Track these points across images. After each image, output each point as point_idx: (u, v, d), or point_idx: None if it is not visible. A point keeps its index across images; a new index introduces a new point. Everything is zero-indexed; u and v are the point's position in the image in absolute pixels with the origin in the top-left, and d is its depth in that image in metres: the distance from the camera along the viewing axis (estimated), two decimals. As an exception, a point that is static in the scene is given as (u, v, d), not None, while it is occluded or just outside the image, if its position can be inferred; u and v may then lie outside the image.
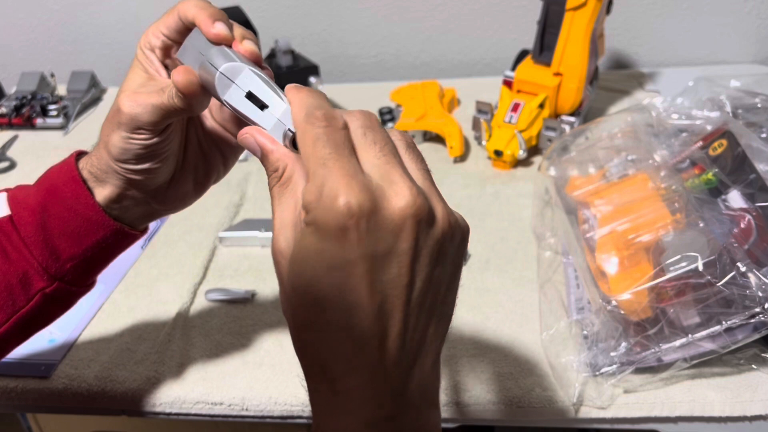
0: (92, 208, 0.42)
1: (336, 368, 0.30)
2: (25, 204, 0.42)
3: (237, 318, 0.65)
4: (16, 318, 0.43)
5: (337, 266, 0.28)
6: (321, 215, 0.28)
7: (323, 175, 0.28)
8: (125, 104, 0.39)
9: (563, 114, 0.87)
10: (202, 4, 0.38)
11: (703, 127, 0.65)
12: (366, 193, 0.28)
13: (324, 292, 0.29)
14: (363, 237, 0.28)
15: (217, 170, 0.46)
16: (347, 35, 1.16)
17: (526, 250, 0.71)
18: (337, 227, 0.27)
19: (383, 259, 0.28)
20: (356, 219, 0.27)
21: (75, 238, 0.42)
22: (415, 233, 0.29)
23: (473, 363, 0.58)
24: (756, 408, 0.52)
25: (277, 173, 0.32)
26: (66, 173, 0.42)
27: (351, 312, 0.29)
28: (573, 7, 0.81)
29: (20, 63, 1.25)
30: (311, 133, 0.29)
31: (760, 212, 0.54)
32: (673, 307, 0.52)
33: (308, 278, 0.29)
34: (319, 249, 0.28)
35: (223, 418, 0.58)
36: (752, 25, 1.07)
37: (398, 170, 0.29)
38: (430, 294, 0.30)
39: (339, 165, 0.28)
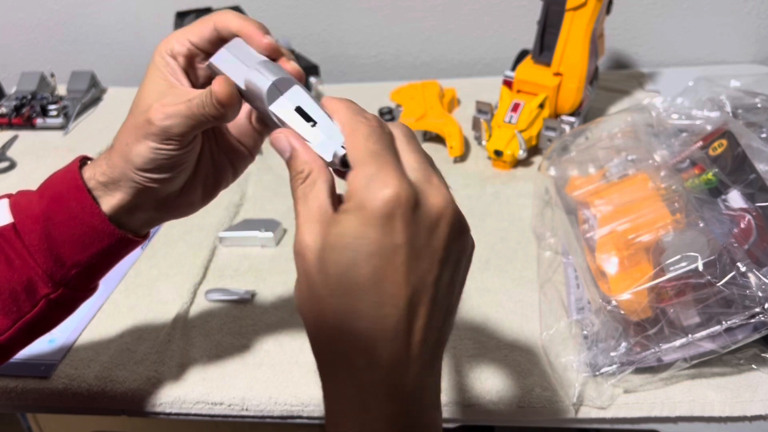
0: (98, 217, 0.42)
1: (359, 361, 0.30)
2: (28, 212, 0.42)
3: (237, 318, 0.65)
4: (21, 324, 0.43)
5: (378, 253, 0.29)
6: (370, 201, 0.29)
7: (376, 166, 0.30)
8: (156, 116, 0.38)
9: (563, 114, 0.87)
10: (244, 17, 0.39)
11: (703, 127, 0.65)
12: (412, 188, 0.30)
13: (360, 277, 0.29)
14: (406, 227, 0.29)
15: (226, 180, 0.47)
16: (347, 35, 1.16)
17: (526, 250, 0.71)
18: (384, 213, 0.29)
19: (419, 252, 0.30)
20: (403, 209, 0.29)
21: (80, 246, 0.42)
22: (448, 233, 0.31)
23: (473, 363, 0.58)
24: (756, 408, 0.52)
25: (302, 174, 0.33)
26: (70, 182, 0.42)
27: (384, 302, 0.30)
28: (573, 7, 0.81)
29: (20, 63, 1.25)
30: (364, 128, 0.32)
31: (760, 212, 0.54)
32: (673, 307, 0.52)
33: (345, 264, 0.30)
34: (362, 234, 0.29)
35: (223, 418, 0.58)
36: (752, 25, 1.07)
37: (436, 177, 0.32)
38: (448, 296, 0.32)
39: (389, 160, 0.31)
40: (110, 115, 1.09)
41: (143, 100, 0.40)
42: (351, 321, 0.30)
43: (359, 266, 0.29)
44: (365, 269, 0.29)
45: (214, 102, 0.38)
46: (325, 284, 0.30)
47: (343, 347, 0.31)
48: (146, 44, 1.21)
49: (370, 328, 0.30)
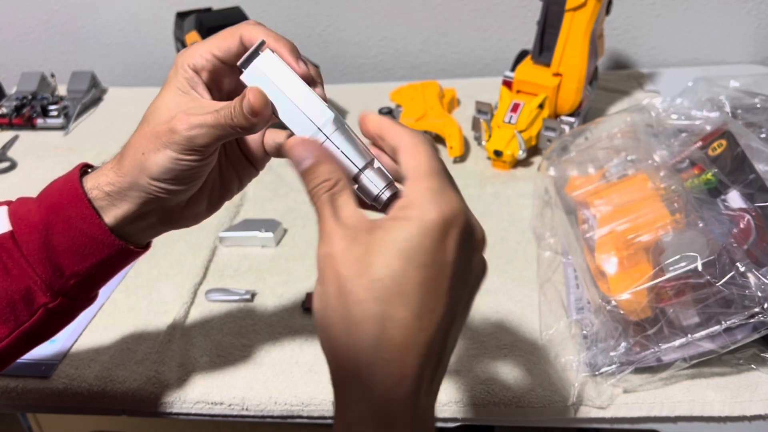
0: (98, 228, 0.41)
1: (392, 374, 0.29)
2: (26, 220, 0.41)
3: (237, 318, 0.65)
4: (19, 332, 0.42)
5: (430, 264, 0.30)
6: (432, 213, 0.30)
7: (439, 183, 0.32)
8: (181, 126, 0.38)
9: (563, 114, 0.87)
10: (275, 36, 0.38)
11: (703, 128, 0.65)
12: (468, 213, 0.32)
13: (408, 285, 0.30)
14: (458, 246, 0.31)
15: (231, 192, 0.47)
16: (347, 35, 1.16)
17: (526, 250, 0.71)
18: (443, 229, 0.30)
19: (460, 273, 0.31)
20: (459, 228, 0.31)
21: (79, 255, 0.42)
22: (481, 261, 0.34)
23: (473, 363, 0.58)
24: (755, 408, 0.52)
25: (329, 182, 0.34)
26: (70, 191, 0.41)
27: (424, 314, 0.30)
28: (573, 8, 0.81)
29: (20, 63, 1.25)
30: (427, 146, 0.33)
31: (760, 212, 0.54)
32: (672, 307, 0.52)
33: (395, 269, 0.30)
34: (418, 243, 0.30)
35: (223, 417, 0.58)
36: (752, 25, 1.07)
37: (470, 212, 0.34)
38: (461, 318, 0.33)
39: (450, 181, 0.33)
40: (110, 115, 1.09)
41: (163, 110, 0.39)
42: (389, 329, 0.29)
43: (409, 274, 0.29)
44: (415, 278, 0.29)
45: (247, 112, 0.37)
46: (367, 288, 0.30)
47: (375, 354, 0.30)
48: (146, 44, 1.21)
49: (407, 339, 0.29)
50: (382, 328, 0.29)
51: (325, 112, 0.37)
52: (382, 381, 0.30)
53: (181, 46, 1.02)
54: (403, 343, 0.29)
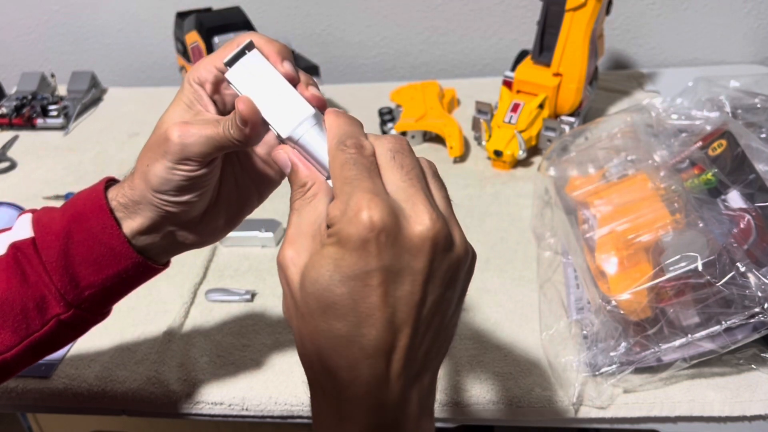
0: (117, 239, 0.41)
1: (344, 377, 0.31)
2: (49, 228, 0.42)
3: (237, 318, 0.65)
4: (29, 341, 0.42)
5: (354, 276, 0.30)
6: (344, 228, 0.30)
7: (348, 193, 0.30)
8: (175, 134, 0.38)
9: (563, 114, 0.87)
10: (266, 39, 0.38)
11: (703, 128, 0.65)
12: (387, 210, 0.30)
13: (337, 300, 0.30)
14: (382, 250, 0.30)
15: (250, 205, 0.47)
16: (347, 35, 1.16)
17: (526, 250, 0.71)
18: (358, 239, 0.29)
19: (398, 275, 0.30)
20: (377, 233, 0.29)
21: (96, 266, 0.42)
22: (431, 255, 0.31)
23: (473, 363, 0.58)
24: (755, 408, 0.52)
25: (303, 188, 0.34)
26: (94, 201, 0.42)
27: (362, 322, 0.30)
28: (573, 8, 0.81)
29: (20, 63, 1.25)
30: (340, 158, 0.32)
31: (760, 212, 0.54)
32: (672, 307, 0.52)
33: (323, 286, 0.30)
34: (338, 258, 0.30)
35: (223, 418, 0.58)
36: (752, 26, 1.07)
37: (421, 195, 0.31)
38: (438, 314, 0.32)
39: (363, 185, 0.31)
40: (110, 116, 1.09)
41: (165, 123, 0.39)
42: (332, 338, 0.31)
43: (336, 288, 0.30)
44: (342, 290, 0.30)
45: (238, 121, 0.37)
46: (305, 303, 0.31)
47: (327, 363, 0.31)
48: (146, 44, 1.21)
49: (349, 346, 0.30)
50: (325, 339, 0.31)
51: (304, 109, 0.36)
52: (332, 385, 0.31)
53: (181, 46, 1.02)
54: (346, 350, 0.30)
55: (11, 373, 0.44)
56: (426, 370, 0.33)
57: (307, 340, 0.32)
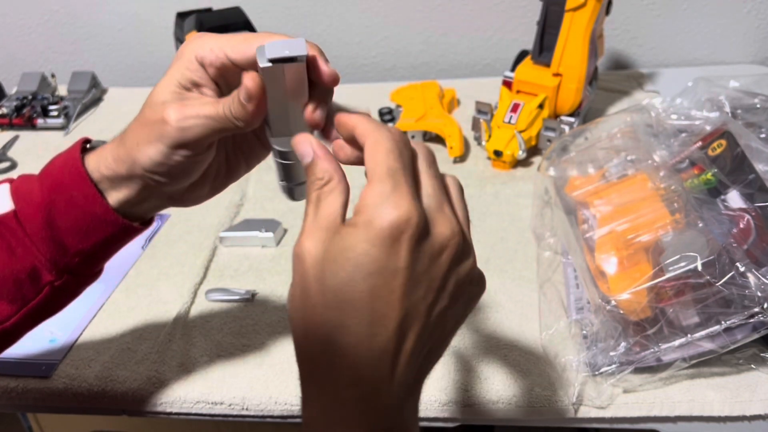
0: (100, 207, 0.41)
1: (343, 376, 0.30)
2: (29, 199, 0.41)
3: (237, 318, 0.65)
4: (26, 310, 0.42)
5: (377, 272, 0.29)
6: (379, 220, 0.29)
7: (391, 185, 0.30)
8: (172, 116, 0.37)
9: (563, 114, 0.87)
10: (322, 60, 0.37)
11: (703, 128, 0.65)
12: (424, 216, 0.30)
13: (356, 294, 0.30)
14: (410, 252, 0.30)
15: (237, 174, 0.46)
16: (347, 35, 1.16)
17: (526, 250, 0.71)
18: (391, 235, 0.29)
19: (418, 278, 0.30)
20: (410, 233, 0.29)
21: (83, 234, 0.41)
22: (449, 265, 0.31)
23: (473, 363, 0.58)
24: (755, 408, 0.52)
25: (321, 180, 0.33)
26: (72, 170, 0.41)
27: (375, 321, 0.30)
28: (572, 8, 0.81)
29: (21, 63, 1.25)
30: (387, 143, 0.32)
31: (759, 212, 0.54)
32: (672, 307, 0.52)
33: (343, 278, 0.30)
34: (365, 251, 0.29)
35: (224, 417, 0.58)
36: (752, 25, 1.07)
37: (448, 206, 0.32)
38: (441, 324, 0.32)
39: (407, 182, 0.31)
40: (111, 116, 1.09)
41: (157, 98, 0.38)
42: (340, 335, 0.30)
43: (357, 282, 0.29)
44: (362, 286, 0.29)
45: (242, 97, 0.36)
46: (321, 294, 0.30)
47: (329, 360, 0.31)
48: (146, 44, 1.21)
49: (357, 345, 0.30)
50: (335, 335, 0.30)
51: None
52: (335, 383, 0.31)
53: (181, 46, 1.02)
54: (355, 349, 0.30)
55: (13, 340, 0.45)
56: (421, 378, 0.33)
57: (313, 333, 0.31)
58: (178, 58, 0.38)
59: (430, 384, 0.56)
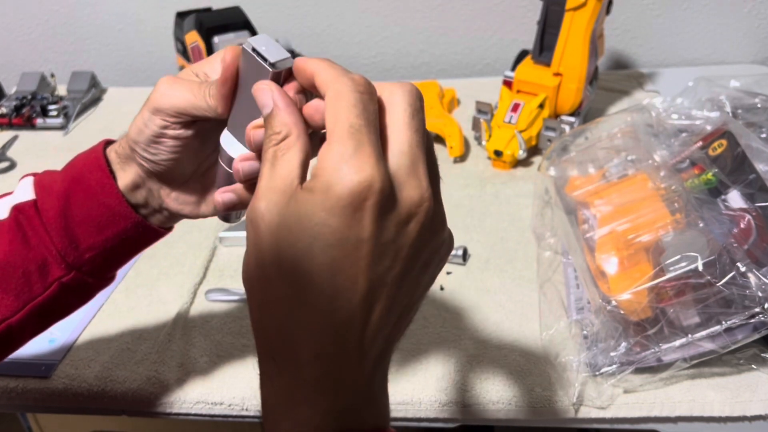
0: (115, 198, 0.41)
1: (304, 352, 0.28)
2: (50, 189, 0.42)
3: (237, 318, 0.65)
4: (33, 305, 0.42)
5: (338, 244, 0.27)
6: (338, 185, 0.26)
7: (353, 145, 0.27)
8: (163, 85, 0.38)
9: (563, 114, 0.87)
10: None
11: (703, 128, 0.65)
12: (389, 180, 0.27)
13: (314, 267, 0.27)
14: (374, 220, 0.27)
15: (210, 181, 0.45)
16: (347, 35, 1.16)
17: (526, 250, 0.71)
18: (352, 203, 0.26)
19: (384, 248, 0.27)
20: (374, 201, 0.26)
21: (95, 227, 0.41)
22: (418, 231, 0.28)
23: (473, 363, 0.58)
24: (756, 408, 0.52)
25: (279, 135, 0.30)
26: (93, 161, 0.41)
27: (337, 294, 0.27)
28: (573, 8, 0.81)
29: (20, 63, 1.25)
30: (349, 95, 0.28)
31: (760, 212, 0.54)
32: (672, 307, 0.52)
33: (300, 249, 0.27)
34: (323, 220, 0.26)
35: (223, 418, 0.58)
36: (752, 25, 1.07)
37: (422, 167, 0.28)
38: (408, 294, 0.30)
39: (371, 141, 0.27)
40: (110, 116, 1.09)
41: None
42: (298, 310, 0.28)
43: (315, 255, 0.27)
44: (321, 259, 0.27)
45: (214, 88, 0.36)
46: (276, 265, 0.28)
47: (287, 335, 0.28)
48: (146, 44, 1.21)
49: (319, 319, 0.28)
50: (292, 309, 0.28)
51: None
52: (294, 361, 0.28)
53: (181, 46, 1.02)
54: (315, 324, 0.28)
55: (19, 341, 0.44)
56: (388, 350, 0.31)
57: (267, 307, 0.29)
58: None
59: (430, 384, 0.56)
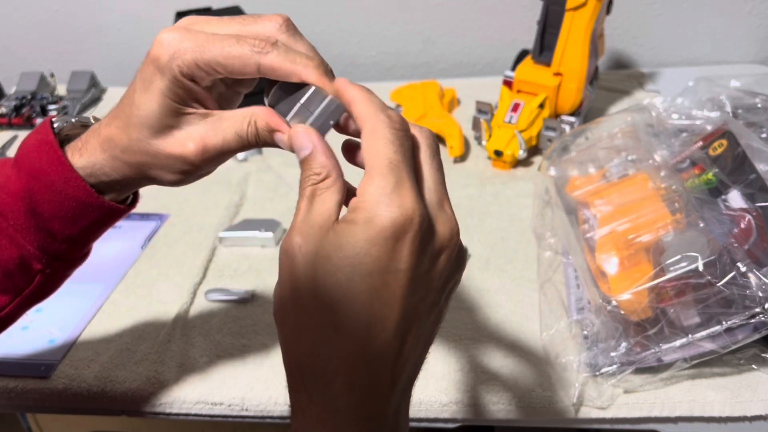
0: (83, 191, 0.39)
1: (338, 382, 0.29)
2: (6, 188, 0.39)
3: (237, 318, 0.65)
4: (20, 299, 0.42)
5: (378, 272, 0.28)
6: (380, 218, 0.28)
7: (393, 180, 0.28)
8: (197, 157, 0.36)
9: (563, 114, 0.87)
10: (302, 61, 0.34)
11: (703, 127, 0.65)
12: (427, 214, 0.29)
13: (354, 294, 0.28)
14: (413, 252, 0.28)
15: None
16: (347, 35, 1.16)
17: (526, 250, 0.71)
18: (394, 234, 0.27)
19: (419, 279, 0.29)
20: (413, 234, 0.28)
21: (69, 220, 0.40)
22: (447, 265, 0.30)
23: (473, 363, 0.58)
24: (756, 408, 0.52)
25: (318, 176, 0.31)
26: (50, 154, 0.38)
27: (374, 323, 0.28)
28: (573, 7, 0.81)
29: (20, 63, 1.25)
30: (387, 132, 0.29)
31: (760, 212, 0.54)
32: (673, 307, 0.52)
33: (340, 278, 0.28)
34: (365, 250, 0.28)
35: (223, 418, 0.58)
36: (752, 25, 1.07)
37: (448, 202, 0.31)
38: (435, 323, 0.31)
39: (410, 176, 0.29)
40: (110, 115, 1.09)
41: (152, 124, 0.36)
42: (335, 338, 0.28)
43: (355, 282, 0.28)
44: (361, 286, 0.28)
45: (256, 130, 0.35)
46: (313, 294, 0.29)
47: (322, 364, 0.29)
48: (146, 44, 1.20)
49: (353, 348, 0.28)
50: (329, 337, 0.28)
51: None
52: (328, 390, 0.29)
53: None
54: (351, 352, 0.28)
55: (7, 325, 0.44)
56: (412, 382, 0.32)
57: (304, 336, 0.29)
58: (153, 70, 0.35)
59: (430, 384, 0.56)
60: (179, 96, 0.35)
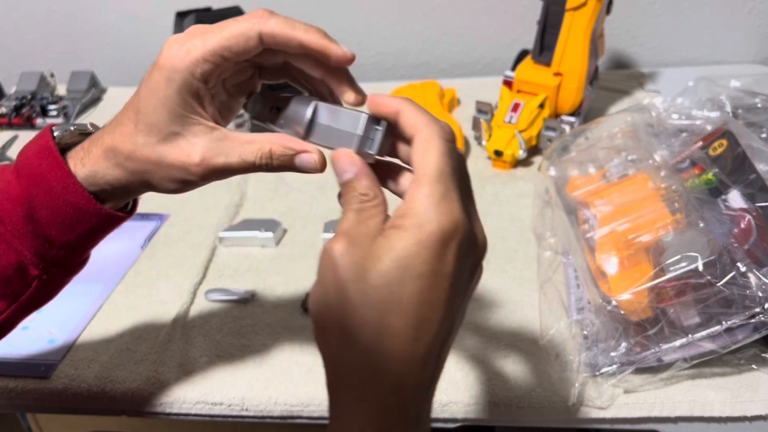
0: (82, 197, 0.39)
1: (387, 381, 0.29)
2: (6, 194, 0.39)
3: (237, 318, 0.65)
4: (17, 305, 0.42)
5: (426, 275, 0.29)
6: (431, 224, 0.29)
7: (444, 189, 0.30)
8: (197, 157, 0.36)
9: (563, 114, 0.87)
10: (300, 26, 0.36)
11: (703, 127, 0.65)
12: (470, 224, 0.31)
13: (404, 295, 0.29)
14: (457, 257, 0.30)
15: None
16: (347, 35, 1.16)
17: (526, 250, 0.71)
18: (442, 239, 0.29)
19: (459, 285, 0.31)
20: (459, 241, 0.30)
21: (67, 227, 0.40)
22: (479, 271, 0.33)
23: (473, 363, 0.58)
24: (756, 408, 0.52)
25: (366, 196, 0.33)
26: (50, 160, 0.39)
27: (422, 324, 0.29)
28: (573, 7, 0.81)
29: (20, 63, 1.25)
30: (439, 143, 0.31)
31: (760, 212, 0.54)
32: (673, 307, 0.52)
33: (390, 278, 0.29)
34: (415, 253, 0.29)
35: (223, 418, 0.58)
36: (752, 25, 1.07)
37: (476, 212, 0.33)
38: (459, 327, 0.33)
39: (456, 187, 0.31)
40: (110, 115, 1.07)
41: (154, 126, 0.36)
42: (384, 337, 0.29)
43: (405, 283, 0.29)
44: (411, 287, 0.29)
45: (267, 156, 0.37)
46: (363, 295, 0.29)
47: (371, 364, 0.29)
48: (146, 44, 1.21)
49: (402, 348, 0.29)
50: (379, 337, 0.29)
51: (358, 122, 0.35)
52: (378, 390, 0.30)
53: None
54: (400, 352, 0.29)
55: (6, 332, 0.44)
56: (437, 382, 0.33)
57: (352, 336, 0.30)
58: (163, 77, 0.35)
59: (430, 384, 0.56)
60: (186, 102, 0.36)
